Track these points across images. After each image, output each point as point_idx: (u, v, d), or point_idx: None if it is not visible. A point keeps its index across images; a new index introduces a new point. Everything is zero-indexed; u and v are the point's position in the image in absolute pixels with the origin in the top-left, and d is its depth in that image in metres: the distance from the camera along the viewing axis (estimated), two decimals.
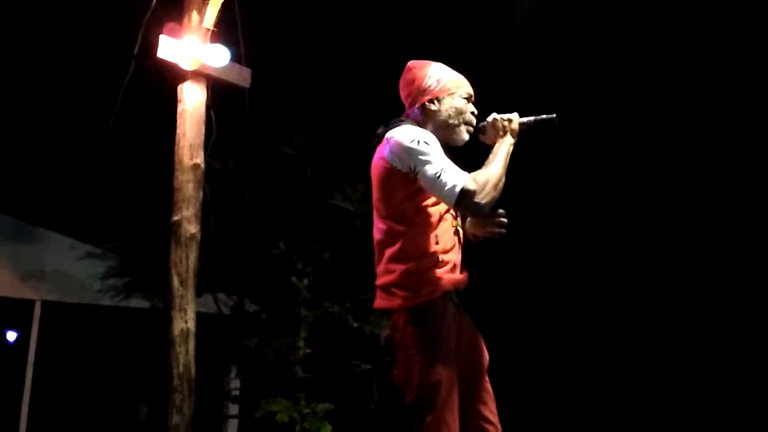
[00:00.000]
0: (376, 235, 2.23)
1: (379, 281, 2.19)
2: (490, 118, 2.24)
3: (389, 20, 7.35)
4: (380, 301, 2.18)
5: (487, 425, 2.13)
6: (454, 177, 2.04)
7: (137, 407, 7.93)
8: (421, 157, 2.07)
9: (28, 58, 7.12)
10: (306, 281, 5.80)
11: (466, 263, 2.28)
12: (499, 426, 2.16)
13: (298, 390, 5.56)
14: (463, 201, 2.02)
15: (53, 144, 7.42)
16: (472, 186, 2.02)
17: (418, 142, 2.10)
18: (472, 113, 2.28)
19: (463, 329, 2.16)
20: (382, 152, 2.19)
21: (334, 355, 5.75)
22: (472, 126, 2.28)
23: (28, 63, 7.16)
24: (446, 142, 2.24)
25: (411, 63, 2.36)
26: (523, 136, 2.22)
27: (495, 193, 2.06)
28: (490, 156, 2.14)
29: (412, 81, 2.31)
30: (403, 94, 2.35)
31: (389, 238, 2.16)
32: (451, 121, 2.24)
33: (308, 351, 5.65)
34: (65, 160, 7.11)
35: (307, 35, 7.04)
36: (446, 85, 2.25)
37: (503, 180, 2.10)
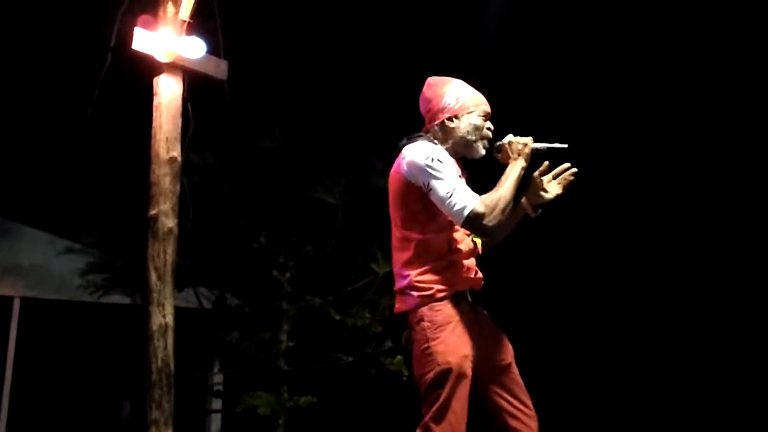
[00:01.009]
0: (393, 243, 2.35)
1: (396, 286, 2.32)
2: (506, 140, 2.35)
3: (371, 11, 7.31)
4: (398, 305, 2.31)
5: (517, 413, 2.23)
6: (464, 198, 2.14)
7: (120, 403, 7.88)
8: (433, 173, 2.18)
9: (2, 52, 7.00)
10: (288, 275, 5.78)
11: (483, 268, 2.39)
12: (531, 412, 2.25)
13: (282, 383, 5.56)
14: (472, 222, 2.14)
15: (28, 138, 7.31)
16: (480, 209, 2.13)
17: (432, 159, 2.20)
18: (489, 129, 2.38)
19: (482, 326, 2.27)
20: (398, 166, 2.30)
21: (316, 348, 5.75)
22: (488, 141, 2.39)
23: (2, 59, 7.04)
24: (464, 156, 2.37)
25: (431, 79, 2.45)
26: (534, 158, 2.34)
27: (502, 217, 2.16)
28: (502, 177, 2.25)
29: (432, 98, 2.40)
30: (422, 109, 2.45)
31: (404, 245, 2.28)
32: (469, 137, 2.34)
33: (291, 344, 5.65)
34: (41, 155, 7.02)
35: (286, 26, 6.99)
36: (465, 103, 2.35)
37: (511, 203, 2.21)
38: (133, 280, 5.71)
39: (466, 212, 2.11)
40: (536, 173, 2.39)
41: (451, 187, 2.15)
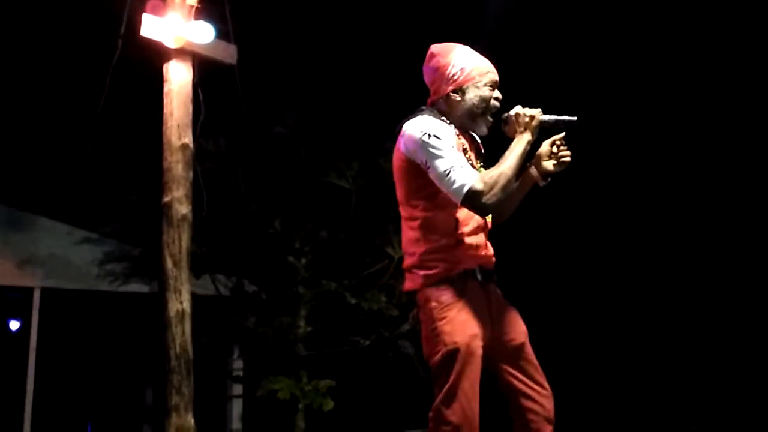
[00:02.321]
0: (401, 221, 2.26)
1: (404, 264, 2.25)
2: (512, 112, 2.23)
3: None
4: (407, 284, 2.24)
5: (531, 393, 2.17)
6: (463, 175, 2.05)
7: (143, 390, 7.96)
8: (432, 150, 2.09)
9: (14, 45, 7.03)
10: (303, 260, 5.79)
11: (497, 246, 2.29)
12: (546, 392, 2.18)
13: (300, 368, 5.59)
14: (470, 200, 2.05)
15: (42, 130, 7.36)
16: (479, 186, 2.04)
17: (429, 135, 2.11)
18: (497, 99, 2.26)
19: (493, 305, 2.20)
20: (398, 143, 2.22)
21: (334, 332, 5.76)
22: (495, 113, 2.26)
23: (15, 50, 7.07)
24: (468, 131, 2.27)
25: (434, 48, 2.31)
26: (541, 133, 2.22)
27: (502, 195, 2.08)
28: (506, 152, 2.14)
29: (436, 69, 2.27)
30: (427, 80, 2.33)
31: (410, 223, 2.21)
32: (475, 111, 2.23)
33: (309, 329, 5.66)
34: (55, 146, 7.07)
35: (294, 10, 6.94)
36: (471, 73, 2.23)
37: (513, 180, 2.11)
38: (151, 269, 5.75)
39: (464, 190, 2.03)
40: (548, 141, 2.27)
41: (450, 164, 2.06)
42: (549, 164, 2.26)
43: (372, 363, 5.99)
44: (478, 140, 2.34)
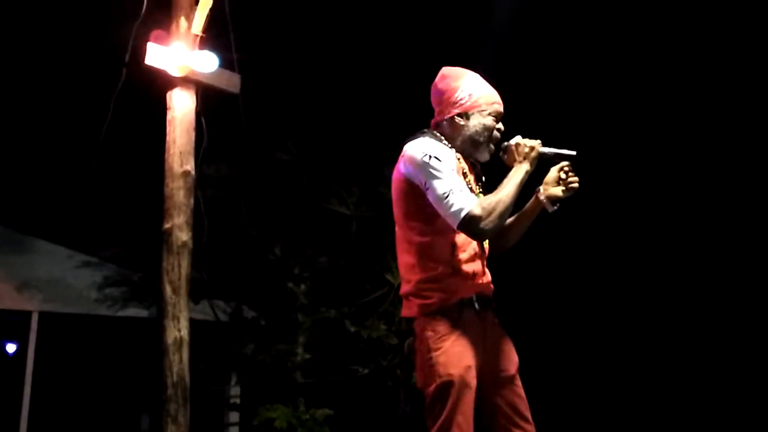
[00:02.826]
0: (397, 244, 2.27)
1: (401, 291, 2.26)
2: (513, 141, 2.25)
3: (382, 23, 7.34)
4: (404, 310, 2.24)
5: (511, 426, 2.15)
6: (462, 199, 2.06)
7: (139, 416, 7.89)
8: (432, 171, 2.10)
9: (19, 70, 7.10)
10: (303, 286, 5.78)
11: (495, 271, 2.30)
12: (530, 425, 2.17)
13: (299, 395, 5.54)
14: (467, 225, 2.05)
15: (44, 153, 7.40)
16: (477, 211, 2.05)
17: (430, 156, 2.12)
18: (499, 130, 2.28)
19: (488, 334, 2.19)
20: (398, 164, 2.23)
21: (332, 360, 5.73)
22: (495, 144, 2.29)
23: (19, 75, 7.14)
24: (469, 157, 2.28)
25: (445, 70, 2.35)
26: (540, 164, 2.24)
27: (499, 221, 2.09)
28: (504, 181, 2.16)
29: (444, 91, 2.30)
30: (433, 100, 2.36)
31: (406, 247, 2.21)
32: (477, 138, 2.25)
33: (307, 357, 5.63)
34: (57, 171, 7.10)
35: (296, 39, 7.03)
36: (478, 101, 2.25)
37: (510, 208, 2.12)
38: (150, 294, 5.74)
39: (462, 214, 2.03)
40: (556, 167, 2.28)
41: (449, 186, 2.06)
42: (557, 190, 2.27)
43: (370, 392, 5.95)
44: (479, 166, 2.35)
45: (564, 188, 2.27)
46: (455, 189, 2.07)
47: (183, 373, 3.36)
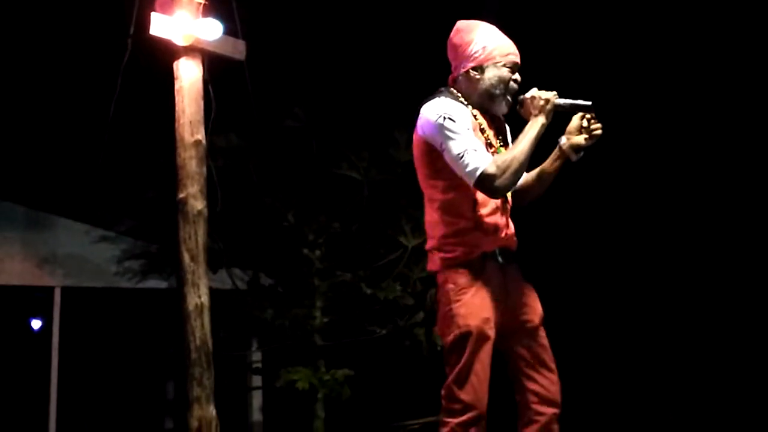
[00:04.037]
0: (424, 203, 2.29)
1: (426, 246, 2.29)
2: (528, 94, 2.23)
3: None
4: (429, 264, 2.29)
5: (538, 377, 2.18)
6: (477, 159, 2.08)
7: (164, 385, 8.07)
8: (447, 132, 2.11)
9: (28, 48, 7.12)
10: (318, 252, 5.84)
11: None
12: (553, 377, 2.19)
13: (318, 358, 5.65)
14: (482, 184, 2.08)
15: (57, 131, 7.45)
16: (492, 170, 2.07)
17: (444, 118, 2.13)
18: (516, 81, 2.25)
19: (511, 286, 2.22)
20: (417, 126, 2.24)
21: (350, 322, 5.81)
22: (514, 94, 2.26)
23: (28, 53, 7.16)
24: (487, 111, 2.26)
25: (459, 24, 2.33)
26: (556, 116, 2.21)
27: (514, 178, 2.11)
28: (520, 136, 2.16)
29: (459, 45, 2.28)
30: (449, 55, 2.33)
31: (430, 205, 2.24)
32: (493, 91, 2.23)
33: (325, 320, 5.72)
34: (71, 148, 7.15)
35: (303, 3, 6.95)
36: (492, 53, 2.22)
37: (526, 164, 2.13)
38: (168, 265, 5.82)
39: (477, 173, 2.05)
40: (578, 116, 2.23)
41: (464, 146, 2.08)
42: (580, 138, 2.24)
43: (388, 352, 6.04)
44: (502, 118, 2.33)
45: (587, 136, 2.23)
46: (470, 148, 2.08)
47: (205, 337, 3.44)
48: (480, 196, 2.17)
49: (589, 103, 2.24)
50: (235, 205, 5.16)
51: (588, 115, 2.24)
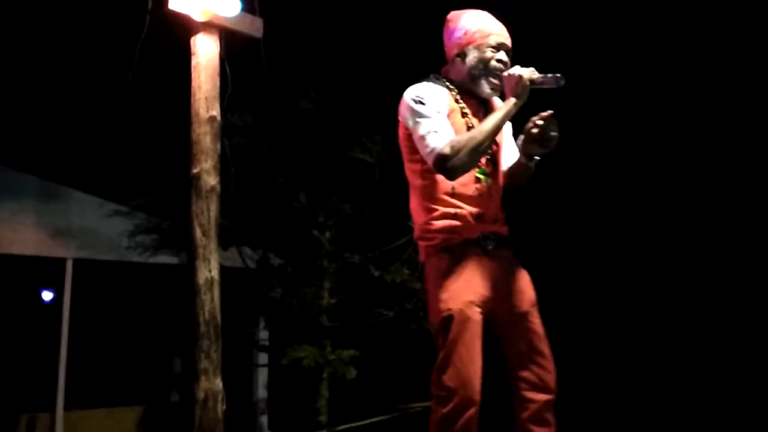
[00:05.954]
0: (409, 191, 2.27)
1: (414, 235, 2.27)
2: (505, 72, 2.16)
3: None
4: (420, 256, 2.26)
5: (530, 364, 2.13)
6: (435, 140, 2.04)
7: (171, 359, 8.17)
8: (414, 116, 2.10)
9: (47, 24, 7.15)
10: (328, 234, 5.87)
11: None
12: (548, 364, 2.14)
13: (324, 338, 5.70)
14: (438, 164, 2.04)
15: (74, 105, 7.50)
16: (446, 150, 2.02)
17: (414, 101, 2.12)
18: (499, 61, 2.18)
19: (499, 273, 2.15)
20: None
21: (358, 304, 5.85)
22: (498, 77, 2.18)
23: (47, 28, 7.19)
24: (477, 95, 2.22)
25: (449, 15, 2.31)
26: (532, 94, 2.11)
27: (469, 158, 2.04)
28: (489, 115, 2.13)
29: (447, 35, 2.28)
30: (444, 47, 2.32)
31: (413, 192, 2.23)
32: (474, 72, 2.19)
33: (333, 301, 5.76)
34: (87, 122, 7.21)
35: None
36: (474, 36, 2.20)
37: (485, 142, 2.06)
38: (180, 241, 5.88)
39: (434, 154, 2.02)
40: (529, 123, 2.14)
41: (428, 128, 2.05)
42: (533, 147, 2.17)
43: (395, 335, 6.08)
44: (492, 101, 2.26)
45: (538, 144, 2.14)
46: (432, 130, 2.05)
47: (215, 311, 3.47)
48: (459, 181, 2.12)
49: (559, 75, 2.09)
50: (248, 184, 5.19)
51: (537, 121, 2.12)
